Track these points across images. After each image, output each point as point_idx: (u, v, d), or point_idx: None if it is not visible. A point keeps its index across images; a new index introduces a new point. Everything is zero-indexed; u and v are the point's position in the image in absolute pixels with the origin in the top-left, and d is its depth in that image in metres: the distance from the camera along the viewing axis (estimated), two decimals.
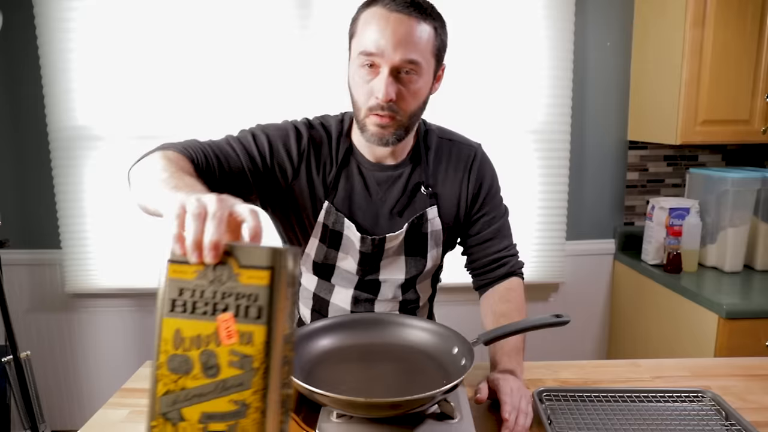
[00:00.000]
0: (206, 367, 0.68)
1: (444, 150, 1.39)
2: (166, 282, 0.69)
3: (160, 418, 0.69)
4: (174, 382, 0.69)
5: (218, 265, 0.68)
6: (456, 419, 1.02)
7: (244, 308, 0.68)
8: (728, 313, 2.05)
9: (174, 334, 0.68)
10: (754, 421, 1.10)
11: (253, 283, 0.68)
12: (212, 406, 0.68)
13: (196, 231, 0.69)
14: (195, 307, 0.68)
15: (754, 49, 2.29)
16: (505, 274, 1.43)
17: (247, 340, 0.67)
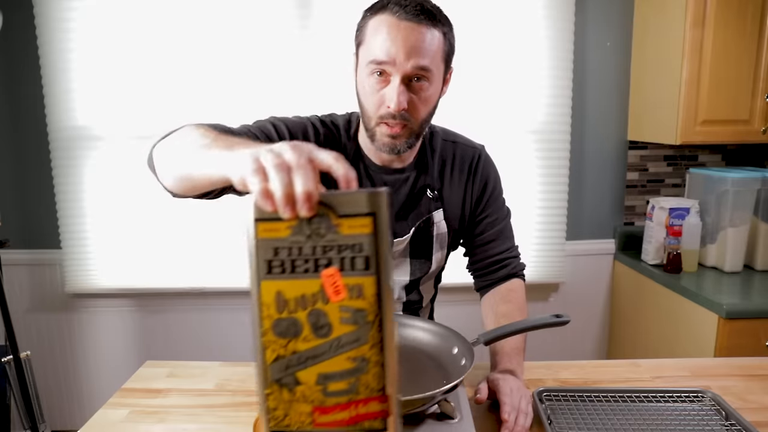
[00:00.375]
0: (316, 328, 0.65)
1: (448, 152, 1.40)
2: (257, 243, 0.64)
3: (274, 384, 0.66)
4: (283, 347, 0.65)
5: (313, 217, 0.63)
6: (456, 419, 1.03)
7: (349, 260, 0.64)
8: (728, 313, 2.05)
9: (275, 297, 0.65)
10: (754, 421, 1.10)
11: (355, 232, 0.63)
12: (329, 366, 0.66)
13: (285, 183, 0.63)
14: (294, 266, 0.64)
15: (754, 49, 2.29)
16: (507, 276, 1.44)
17: (357, 293, 0.64)
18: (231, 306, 2.76)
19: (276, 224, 0.64)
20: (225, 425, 1.15)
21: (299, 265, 0.64)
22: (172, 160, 0.97)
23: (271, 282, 0.64)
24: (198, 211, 2.61)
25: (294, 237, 0.64)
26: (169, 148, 0.98)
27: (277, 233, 0.64)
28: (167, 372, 1.39)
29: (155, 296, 2.74)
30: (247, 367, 1.41)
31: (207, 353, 2.77)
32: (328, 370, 0.66)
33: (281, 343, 0.65)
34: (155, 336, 2.79)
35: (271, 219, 0.64)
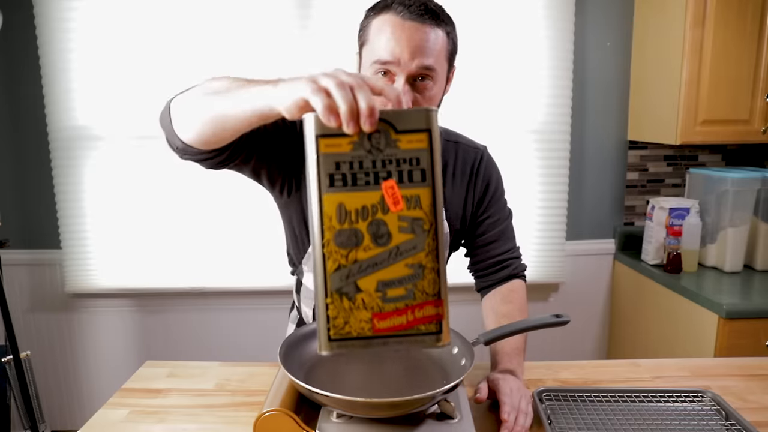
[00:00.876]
0: (376, 237, 0.69)
1: (450, 152, 1.40)
2: (320, 158, 0.68)
3: (335, 294, 0.69)
4: (344, 257, 0.69)
5: (374, 133, 0.67)
6: (456, 419, 1.02)
7: (407, 173, 0.68)
8: (728, 313, 2.06)
9: (337, 209, 0.68)
10: (754, 421, 1.10)
11: (413, 147, 0.68)
12: (388, 273, 0.69)
13: (349, 99, 0.66)
14: (356, 179, 0.68)
15: (754, 49, 2.29)
16: (508, 276, 1.44)
17: (414, 204, 0.68)
18: (231, 306, 2.76)
19: (338, 140, 0.68)
20: (224, 425, 1.15)
21: (360, 177, 0.68)
22: (199, 106, 0.95)
23: (333, 195, 0.68)
24: (198, 211, 2.62)
25: (355, 152, 0.68)
26: (193, 97, 0.96)
27: (339, 148, 0.68)
28: (167, 372, 1.39)
29: (155, 296, 2.74)
30: (247, 367, 1.41)
31: (207, 353, 2.77)
32: (387, 277, 0.70)
33: (342, 253, 0.69)
34: (155, 336, 2.79)
35: (333, 135, 0.67)
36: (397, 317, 0.70)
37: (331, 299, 0.69)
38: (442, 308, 0.71)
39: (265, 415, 0.99)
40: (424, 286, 0.70)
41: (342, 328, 0.70)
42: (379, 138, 0.68)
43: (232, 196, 2.61)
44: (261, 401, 1.16)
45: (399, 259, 0.69)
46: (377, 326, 0.70)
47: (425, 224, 0.69)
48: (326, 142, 0.68)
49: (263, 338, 2.71)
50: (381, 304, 0.70)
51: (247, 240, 2.65)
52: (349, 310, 0.70)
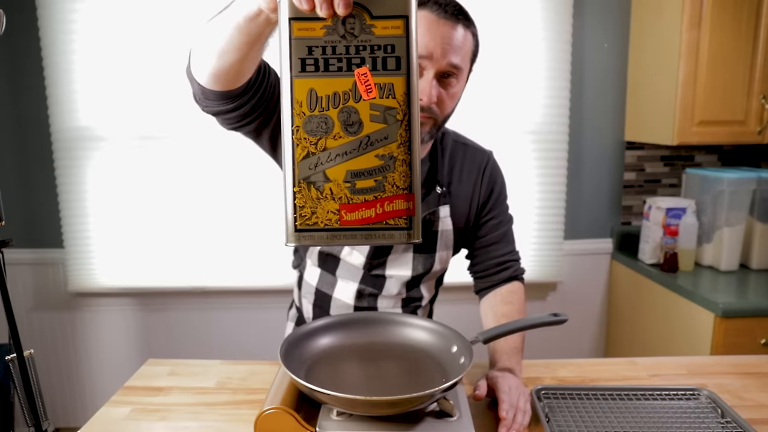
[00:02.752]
0: (347, 125, 0.66)
1: (458, 153, 1.42)
2: (291, 42, 0.66)
3: (302, 183, 0.67)
4: (313, 144, 0.67)
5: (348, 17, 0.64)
6: (455, 417, 1.03)
7: (381, 60, 0.65)
8: (724, 311, 2.07)
9: (308, 94, 0.66)
10: (749, 419, 1.11)
11: (388, 33, 0.65)
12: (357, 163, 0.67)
13: None
14: (328, 64, 0.65)
15: (750, 50, 2.30)
16: (508, 278, 1.46)
17: (387, 92, 0.66)
18: (232, 305, 2.77)
19: (311, 23, 0.65)
20: (226, 423, 1.15)
21: (333, 63, 0.65)
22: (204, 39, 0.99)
23: (304, 80, 0.66)
24: (200, 211, 2.63)
25: (328, 36, 0.65)
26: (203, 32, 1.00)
27: (312, 32, 0.65)
28: (169, 370, 1.39)
29: (157, 295, 2.75)
30: (248, 365, 1.41)
31: (208, 351, 2.78)
32: (356, 167, 0.67)
33: (312, 141, 0.67)
34: (157, 334, 2.80)
35: (306, 18, 0.65)
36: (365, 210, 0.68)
37: (299, 188, 0.67)
38: (413, 203, 0.69)
39: (266, 413, 1.00)
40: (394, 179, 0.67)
41: (309, 219, 0.68)
42: (353, 23, 0.65)
43: (234, 196, 2.62)
44: (262, 399, 1.17)
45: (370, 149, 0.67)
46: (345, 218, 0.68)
47: (398, 114, 0.66)
48: (299, 26, 0.66)
49: (264, 337, 2.71)
50: (349, 195, 0.68)
51: (247, 240, 2.66)
52: (317, 200, 0.68)
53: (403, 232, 0.69)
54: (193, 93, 1.10)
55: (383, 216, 0.68)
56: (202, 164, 2.59)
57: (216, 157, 2.58)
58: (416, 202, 0.69)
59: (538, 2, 2.53)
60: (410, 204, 0.69)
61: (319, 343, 1.21)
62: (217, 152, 2.58)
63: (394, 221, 0.69)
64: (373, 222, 0.68)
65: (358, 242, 0.70)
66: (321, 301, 1.43)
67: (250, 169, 2.57)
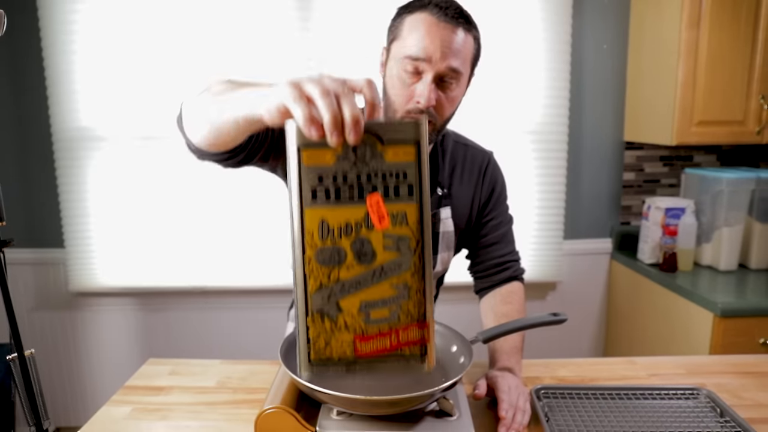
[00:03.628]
0: (360, 255, 0.65)
1: (459, 154, 1.42)
2: (302, 171, 0.63)
3: (316, 315, 0.65)
4: (326, 276, 0.65)
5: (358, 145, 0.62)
6: (455, 416, 1.03)
7: (393, 188, 0.64)
8: (723, 311, 2.07)
9: (319, 224, 0.64)
10: (748, 418, 1.11)
11: (399, 160, 0.63)
12: (371, 293, 0.65)
13: (333, 108, 0.60)
14: (339, 193, 0.64)
15: (749, 50, 2.30)
16: (508, 278, 1.46)
17: (400, 220, 0.64)
18: (232, 305, 2.78)
19: (321, 151, 0.63)
20: (226, 422, 1.16)
21: (344, 192, 0.64)
22: (201, 109, 0.96)
23: (315, 210, 0.64)
24: (200, 211, 2.63)
25: (339, 164, 0.63)
26: (198, 99, 0.97)
27: (322, 160, 0.63)
28: (169, 370, 1.39)
29: (158, 295, 2.75)
30: (248, 365, 1.42)
31: (208, 351, 2.78)
32: (370, 297, 0.66)
33: (324, 272, 0.65)
34: (157, 334, 2.80)
35: (316, 146, 0.63)
36: (380, 339, 0.67)
37: (312, 320, 0.66)
38: (428, 331, 0.68)
39: (266, 412, 1.00)
40: (408, 308, 0.66)
41: (323, 351, 0.67)
42: (364, 149, 0.63)
43: (234, 196, 2.62)
44: (262, 399, 1.17)
45: (383, 278, 0.65)
46: (360, 349, 0.67)
47: (411, 242, 0.65)
48: (309, 154, 0.63)
49: (264, 336, 2.72)
50: (364, 325, 0.66)
51: (248, 240, 2.66)
52: (331, 332, 0.66)
53: (418, 359, 0.69)
54: (186, 143, 1.08)
55: (398, 345, 0.68)
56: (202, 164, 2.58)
57: None
58: (430, 329, 0.68)
59: (537, 2, 2.53)
60: (425, 332, 0.68)
61: None
62: None
63: (409, 350, 0.68)
64: (388, 351, 0.68)
65: (373, 371, 0.68)
66: None
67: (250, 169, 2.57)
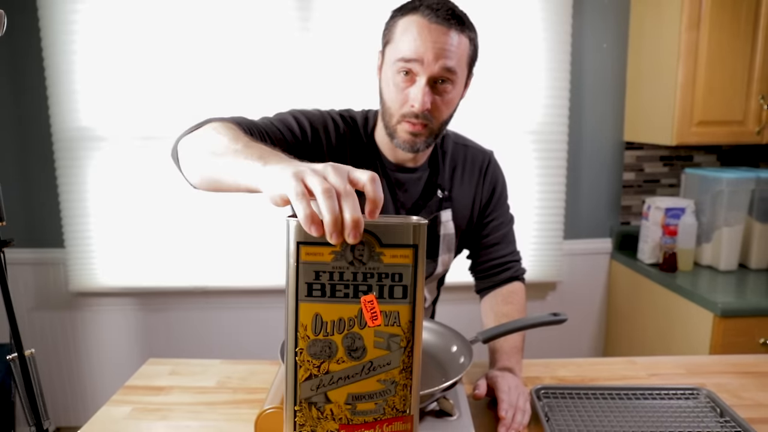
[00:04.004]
0: (351, 350, 0.66)
1: (459, 155, 1.42)
2: (300, 266, 0.64)
3: (304, 403, 0.67)
4: (316, 367, 0.67)
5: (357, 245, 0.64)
6: (455, 416, 1.03)
7: (388, 288, 0.65)
8: (723, 311, 2.07)
9: (313, 318, 0.65)
10: (748, 418, 1.11)
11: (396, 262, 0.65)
12: (359, 387, 0.67)
13: (334, 210, 0.61)
14: (335, 291, 0.65)
15: (748, 50, 2.30)
16: (509, 278, 1.46)
17: (393, 320, 0.66)
18: (232, 304, 2.78)
19: (319, 248, 0.64)
20: (226, 422, 1.16)
21: (339, 289, 0.65)
22: (199, 160, 0.94)
23: (310, 304, 0.65)
24: (200, 211, 2.63)
25: (336, 262, 0.64)
26: (196, 147, 0.96)
27: (320, 258, 0.64)
28: (169, 370, 1.40)
29: (158, 295, 2.75)
30: (248, 365, 1.42)
31: (208, 351, 2.78)
32: (358, 390, 0.67)
33: (315, 363, 0.67)
34: (157, 334, 2.80)
35: (314, 243, 0.64)
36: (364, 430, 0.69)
37: (300, 407, 0.68)
38: (411, 424, 0.70)
39: (266, 412, 0.99)
40: (394, 402, 0.68)
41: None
42: (362, 250, 0.64)
43: (234, 196, 2.61)
44: (262, 398, 1.18)
45: (372, 374, 0.67)
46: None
47: (402, 341, 0.67)
48: (307, 250, 0.64)
49: (264, 336, 2.72)
50: (350, 416, 0.68)
51: (248, 239, 2.66)
52: (317, 420, 0.68)
53: None
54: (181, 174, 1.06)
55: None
56: None
57: None
58: (414, 422, 0.70)
59: (537, 2, 2.53)
60: (408, 425, 0.70)
61: None
62: None
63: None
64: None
65: None
66: None
67: None
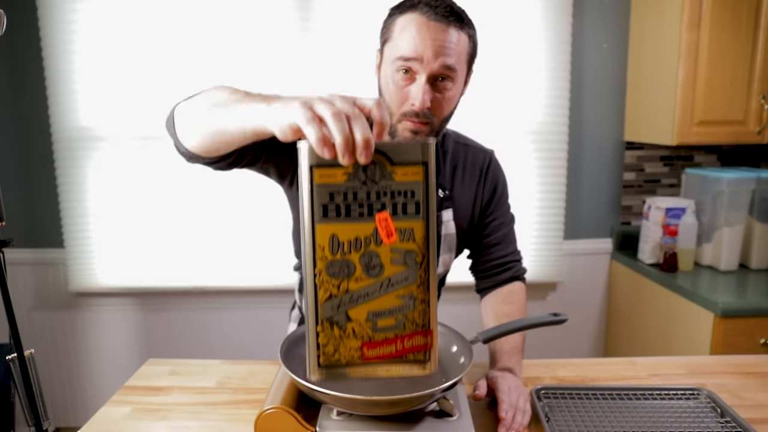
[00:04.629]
0: (369, 268, 0.68)
1: (460, 154, 1.41)
2: (314, 189, 0.66)
3: (325, 322, 0.69)
4: (336, 287, 0.69)
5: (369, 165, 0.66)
6: (455, 417, 1.03)
7: (401, 205, 0.68)
8: (723, 311, 2.07)
9: (330, 239, 0.67)
10: (749, 418, 1.11)
11: (408, 179, 0.67)
12: (378, 304, 0.69)
13: (345, 131, 0.63)
14: (350, 210, 0.67)
15: (749, 50, 2.30)
16: (509, 278, 1.46)
17: (407, 236, 0.68)
18: (232, 305, 2.78)
19: (332, 170, 0.66)
20: (226, 422, 1.16)
21: (354, 209, 0.67)
22: (200, 116, 0.95)
23: (326, 225, 0.67)
24: (200, 211, 2.63)
25: (350, 183, 0.67)
26: (196, 105, 0.96)
27: (334, 179, 0.67)
28: (169, 370, 1.39)
29: (157, 295, 2.75)
30: (248, 365, 1.42)
31: (208, 351, 2.78)
32: (377, 307, 0.69)
33: (334, 283, 0.69)
34: (157, 334, 2.80)
35: (327, 165, 0.66)
36: (386, 346, 0.71)
37: (322, 327, 0.69)
38: (431, 338, 0.72)
39: (266, 412, 1.00)
40: (414, 317, 0.70)
41: (332, 355, 0.71)
42: (374, 170, 0.67)
43: (234, 196, 2.62)
44: (262, 399, 1.17)
45: (390, 290, 0.69)
46: (366, 354, 0.71)
47: (418, 256, 0.69)
48: (320, 173, 0.67)
49: (264, 337, 2.71)
50: (371, 333, 0.70)
51: (248, 239, 2.66)
52: (339, 338, 0.70)
53: (421, 364, 0.73)
54: (175, 145, 1.07)
55: (403, 351, 0.72)
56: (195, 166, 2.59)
57: None
58: (434, 336, 0.72)
59: (537, 2, 2.53)
60: (428, 339, 0.72)
61: None
62: None
63: (413, 355, 0.72)
64: (394, 357, 0.72)
65: (379, 375, 0.72)
66: None
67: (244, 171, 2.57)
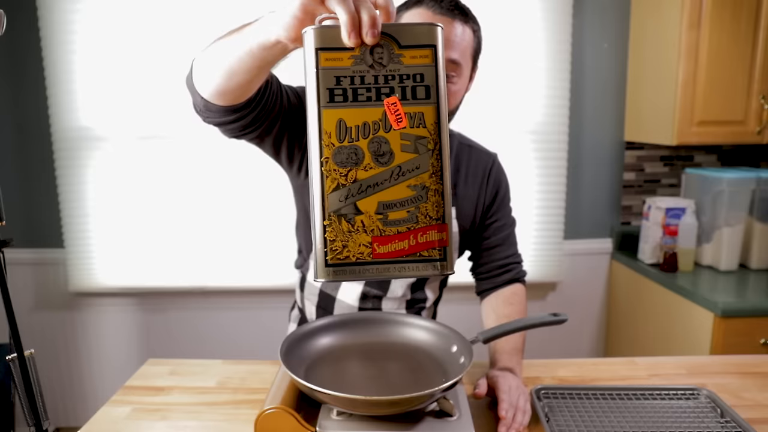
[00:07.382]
0: (378, 155, 0.65)
1: (464, 155, 1.42)
2: (319, 72, 0.64)
3: (333, 216, 0.66)
4: (343, 176, 0.65)
5: (376, 47, 0.64)
6: (455, 417, 1.03)
7: (410, 89, 0.65)
8: (723, 311, 2.07)
9: (337, 125, 0.65)
10: (748, 418, 1.11)
11: (417, 62, 0.65)
12: (389, 194, 0.66)
13: (350, 9, 0.62)
14: (357, 95, 0.64)
15: (749, 50, 2.30)
16: (510, 280, 1.46)
17: (418, 121, 0.65)
18: (232, 305, 2.78)
19: (338, 53, 0.64)
20: (226, 422, 1.16)
21: (361, 93, 0.64)
22: (211, 52, 0.95)
23: (333, 110, 0.65)
24: (200, 211, 2.63)
25: (356, 66, 0.64)
26: (209, 47, 0.97)
27: (340, 62, 0.64)
28: (169, 370, 1.40)
29: (157, 295, 2.75)
30: (248, 365, 1.42)
31: (208, 351, 2.78)
32: (388, 198, 0.66)
33: (341, 172, 0.65)
34: (157, 334, 2.81)
35: (333, 48, 0.64)
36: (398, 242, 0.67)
37: (329, 221, 0.66)
38: (446, 234, 0.68)
39: (266, 412, 1.00)
40: (427, 209, 0.66)
41: (340, 253, 0.66)
42: (381, 53, 0.64)
43: (234, 195, 2.62)
44: (262, 399, 1.18)
45: (401, 179, 0.65)
46: (377, 251, 0.67)
47: (429, 143, 0.65)
48: (326, 56, 0.64)
49: (264, 336, 2.72)
50: (382, 227, 0.66)
51: (248, 239, 2.66)
52: (348, 234, 0.66)
53: (437, 263, 0.69)
54: (194, 103, 1.08)
55: (417, 248, 0.68)
56: (202, 164, 2.60)
57: (217, 156, 2.59)
58: (449, 232, 0.68)
59: (537, 2, 2.53)
60: (443, 235, 0.68)
61: (319, 342, 1.21)
62: (218, 152, 2.58)
63: (428, 252, 0.68)
64: (407, 254, 0.68)
65: (392, 275, 0.68)
66: (325, 303, 1.43)
67: (251, 169, 2.57)
